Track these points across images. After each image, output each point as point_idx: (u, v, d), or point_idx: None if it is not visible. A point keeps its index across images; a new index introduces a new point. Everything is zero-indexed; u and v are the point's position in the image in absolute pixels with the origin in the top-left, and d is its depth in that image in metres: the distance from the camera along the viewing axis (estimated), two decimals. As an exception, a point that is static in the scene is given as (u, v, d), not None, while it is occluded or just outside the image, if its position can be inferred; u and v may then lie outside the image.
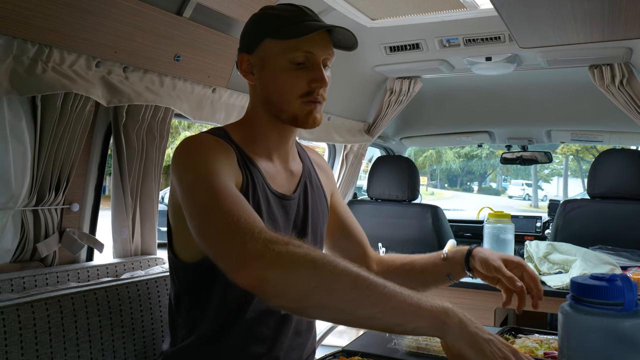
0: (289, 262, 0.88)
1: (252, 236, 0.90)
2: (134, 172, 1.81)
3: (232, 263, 0.90)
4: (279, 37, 1.14)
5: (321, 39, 1.15)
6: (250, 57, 1.20)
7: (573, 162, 24.34)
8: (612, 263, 1.99)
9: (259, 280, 0.87)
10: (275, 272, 0.87)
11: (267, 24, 1.17)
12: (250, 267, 0.87)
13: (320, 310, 0.91)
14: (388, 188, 3.17)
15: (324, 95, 1.18)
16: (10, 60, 1.32)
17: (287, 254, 0.88)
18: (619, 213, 2.60)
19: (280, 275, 0.87)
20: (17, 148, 1.45)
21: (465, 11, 2.27)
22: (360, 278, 0.87)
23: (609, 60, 2.54)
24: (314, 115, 1.17)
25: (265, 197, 1.16)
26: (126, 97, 1.62)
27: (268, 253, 0.88)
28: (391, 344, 1.28)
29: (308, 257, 0.88)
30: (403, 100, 3.15)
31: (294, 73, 1.14)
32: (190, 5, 1.69)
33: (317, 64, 1.15)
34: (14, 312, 1.11)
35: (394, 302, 0.87)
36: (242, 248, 0.89)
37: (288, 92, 1.15)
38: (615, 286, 0.78)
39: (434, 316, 0.87)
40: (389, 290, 0.87)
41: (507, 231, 2.04)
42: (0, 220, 1.48)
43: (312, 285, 0.87)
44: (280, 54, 1.14)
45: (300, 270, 0.87)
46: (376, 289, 0.87)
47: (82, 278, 1.65)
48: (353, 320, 0.91)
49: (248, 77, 1.22)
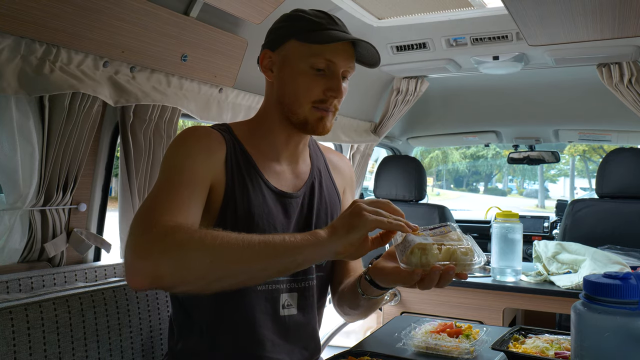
0: (178, 250, 0.90)
1: (150, 230, 0.93)
2: (141, 172, 1.81)
3: (126, 265, 0.92)
4: (305, 40, 1.15)
5: (345, 51, 1.16)
6: (273, 55, 1.20)
7: (580, 163, 24.20)
8: (622, 263, 1.97)
9: (152, 277, 0.89)
10: (165, 264, 0.89)
11: (295, 25, 1.17)
12: (142, 269, 0.89)
13: (222, 281, 0.94)
14: (395, 188, 3.16)
15: (337, 106, 1.19)
16: (18, 60, 1.32)
17: (173, 243, 0.90)
18: (628, 212, 2.58)
19: (172, 265, 0.89)
20: (25, 148, 1.46)
21: (473, 10, 2.26)
22: (246, 238, 0.92)
23: (618, 58, 2.52)
24: (324, 123, 1.18)
25: (259, 193, 1.16)
26: (133, 97, 1.62)
27: (155, 246, 0.90)
28: (400, 344, 1.27)
29: (194, 237, 0.91)
30: (410, 100, 3.14)
31: (312, 78, 1.15)
32: (197, 5, 1.69)
33: (337, 74, 1.16)
34: (23, 312, 1.11)
35: (281, 247, 0.92)
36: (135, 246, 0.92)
37: (303, 95, 1.16)
38: (629, 284, 0.77)
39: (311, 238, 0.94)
40: (274, 239, 0.93)
41: (515, 231, 2.02)
42: (9, 220, 1.48)
43: (207, 262, 0.90)
44: (302, 56, 1.15)
45: (191, 254, 0.90)
46: (262, 241, 0.93)
47: (90, 278, 1.65)
48: (253, 276, 0.95)
49: (267, 74, 1.22)
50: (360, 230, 0.94)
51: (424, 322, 1.39)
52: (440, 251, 0.97)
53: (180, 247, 0.90)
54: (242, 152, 1.18)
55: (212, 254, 0.90)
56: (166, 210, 0.99)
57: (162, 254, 0.90)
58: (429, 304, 2.16)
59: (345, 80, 1.19)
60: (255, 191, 1.16)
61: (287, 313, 1.20)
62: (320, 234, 0.95)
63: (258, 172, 1.18)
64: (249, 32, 1.94)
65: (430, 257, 0.95)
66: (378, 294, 1.17)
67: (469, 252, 0.97)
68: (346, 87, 1.19)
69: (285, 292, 1.20)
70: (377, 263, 1.12)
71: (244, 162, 1.17)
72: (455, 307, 2.11)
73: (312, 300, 1.25)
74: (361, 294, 1.18)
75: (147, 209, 1.01)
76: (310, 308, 1.25)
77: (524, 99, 3.37)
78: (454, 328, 1.32)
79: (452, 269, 0.95)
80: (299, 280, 1.22)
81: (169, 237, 0.91)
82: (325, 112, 1.17)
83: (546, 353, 1.20)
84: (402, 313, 2.17)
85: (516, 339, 1.30)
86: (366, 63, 1.22)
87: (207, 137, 1.15)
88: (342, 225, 0.95)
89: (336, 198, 1.33)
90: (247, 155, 1.18)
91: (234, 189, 1.14)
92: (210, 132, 1.17)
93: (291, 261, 0.94)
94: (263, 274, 0.97)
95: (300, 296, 1.22)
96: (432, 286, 0.97)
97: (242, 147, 1.19)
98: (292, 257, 0.93)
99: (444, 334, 1.29)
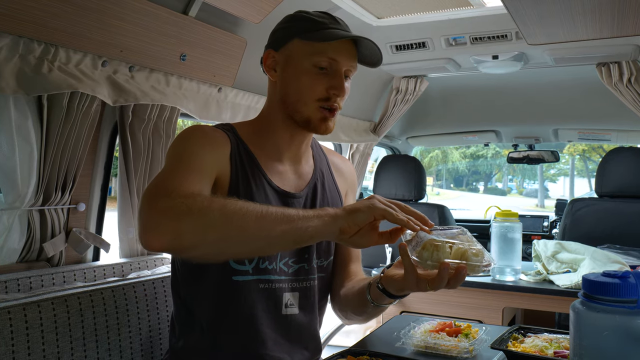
0: (200, 209, 0.91)
1: (168, 195, 0.94)
2: (140, 172, 1.81)
3: (142, 224, 0.92)
4: (308, 38, 1.16)
5: (347, 50, 1.17)
6: (276, 54, 1.21)
7: (579, 162, 24.21)
8: (621, 262, 1.97)
9: (173, 234, 0.90)
10: (188, 221, 0.90)
11: (298, 25, 1.19)
12: (161, 226, 0.90)
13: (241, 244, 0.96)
14: (395, 188, 3.16)
15: (340, 105, 1.19)
16: (16, 59, 1.32)
17: (195, 203, 0.92)
18: (628, 212, 2.57)
19: (193, 222, 0.90)
20: (23, 147, 1.46)
21: (472, 9, 2.25)
22: (264, 206, 0.96)
23: (617, 57, 2.52)
24: (327, 123, 1.19)
25: (262, 192, 1.17)
26: (132, 97, 1.62)
27: (177, 206, 0.91)
28: (399, 343, 1.27)
29: (215, 200, 0.94)
30: (409, 99, 3.14)
31: (315, 76, 1.16)
32: (196, 4, 1.69)
33: (339, 72, 1.17)
34: (21, 312, 1.11)
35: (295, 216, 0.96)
36: (153, 207, 0.93)
37: (306, 93, 1.17)
38: (628, 283, 0.77)
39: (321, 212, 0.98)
40: (289, 210, 0.97)
41: (514, 230, 2.02)
42: (7, 220, 1.48)
43: (229, 223, 0.92)
44: (305, 55, 1.16)
45: (213, 214, 0.91)
46: (279, 210, 0.96)
47: (89, 278, 1.65)
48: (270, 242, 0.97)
49: (270, 73, 1.23)
50: (366, 213, 0.97)
51: (423, 321, 1.39)
52: (451, 250, 0.98)
53: (202, 207, 0.92)
54: (245, 152, 1.19)
55: (233, 216, 0.92)
56: (181, 181, 1.00)
57: (184, 214, 0.90)
58: (429, 303, 2.16)
59: (347, 79, 1.20)
60: (258, 190, 1.17)
61: (289, 312, 1.20)
62: (329, 209, 1.00)
63: (261, 171, 1.19)
64: (248, 31, 1.93)
65: (441, 254, 0.97)
66: (388, 302, 1.18)
67: (479, 253, 0.99)
68: (348, 87, 1.19)
69: (287, 291, 1.20)
70: (388, 272, 1.14)
71: (247, 161, 1.18)
72: (454, 306, 2.11)
73: (314, 301, 1.25)
74: (370, 302, 1.18)
75: (160, 180, 1.02)
76: (311, 308, 1.25)
77: (523, 98, 3.37)
78: (453, 327, 1.32)
79: (464, 268, 0.96)
80: (301, 280, 1.23)
81: (190, 200, 0.93)
82: (328, 112, 1.18)
83: (545, 352, 1.20)
84: (402, 312, 2.17)
85: (515, 338, 1.29)
86: (368, 63, 1.23)
87: (213, 133, 1.16)
88: (352, 206, 1.00)
89: (338, 200, 1.33)
90: (251, 154, 1.19)
91: (237, 185, 1.14)
92: (215, 130, 1.18)
93: (304, 230, 0.96)
94: (280, 241, 0.97)
95: (302, 296, 1.23)
96: (443, 285, 0.97)
97: (246, 146, 1.19)
98: (305, 226, 0.95)
99: (443, 333, 1.29)
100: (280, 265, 1.19)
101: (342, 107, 1.21)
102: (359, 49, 1.19)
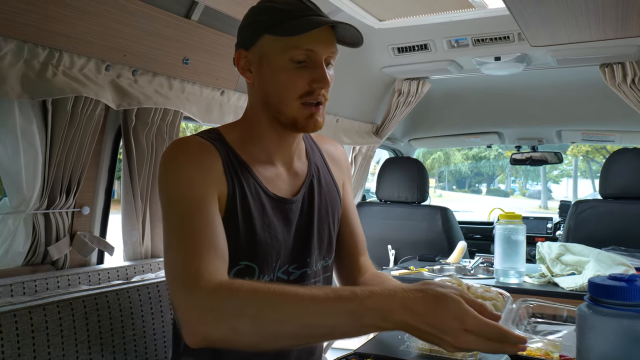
0: (229, 319, 0.84)
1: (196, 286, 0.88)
2: (144, 175, 1.81)
3: (180, 317, 0.89)
4: (278, 33, 1.05)
5: (324, 36, 1.07)
6: (248, 54, 1.11)
7: (583, 163, 24.15)
8: (626, 264, 1.96)
9: (205, 341, 0.86)
10: (217, 332, 0.85)
11: (264, 19, 1.08)
12: (194, 328, 0.86)
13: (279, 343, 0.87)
14: (397, 190, 3.15)
15: (327, 96, 1.10)
16: (21, 64, 1.33)
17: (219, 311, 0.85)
18: (632, 213, 2.56)
19: (223, 334, 0.85)
20: (28, 151, 1.46)
21: (474, 11, 2.26)
22: (299, 296, 0.82)
23: (620, 58, 2.52)
24: (315, 119, 1.10)
25: (259, 203, 1.11)
26: (135, 100, 1.62)
27: (207, 312, 0.85)
28: (404, 346, 1.27)
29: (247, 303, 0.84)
30: (411, 101, 3.14)
31: (294, 72, 1.06)
32: (198, 8, 1.70)
33: (319, 63, 1.07)
34: (27, 315, 1.11)
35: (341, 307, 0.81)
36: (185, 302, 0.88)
37: (287, 92, 1.07)
38: (634, 286, 0.76)
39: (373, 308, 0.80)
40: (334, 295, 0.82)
41: (518, 232, 2.01)
42: (12, 224, 1.49)
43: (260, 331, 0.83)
44: (279, 51, 1.06)
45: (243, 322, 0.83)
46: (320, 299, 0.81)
47: (93, 281, 1.65)
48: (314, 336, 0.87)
49: (246, 75, 1.14)
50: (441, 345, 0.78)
51: (428, 324, 1.38)
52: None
53: (226, 316, 0.85)
54: (237, 160, 1.11)
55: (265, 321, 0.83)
56: (196, 257, 0.92)
57: (211, 324, 0.85)
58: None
59: (330, 66, 1.10)
60: (255, 202, 1.11)
61: None
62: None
63: (255, 179, 1.12)
64: (250, 34, 1.94)
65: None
66: None
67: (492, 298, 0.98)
68: (332, 75, 1.10)
69: None
70: None
71: (241, 170, 1.11)
72: (458, 308, 2.10)
73: None
74: None
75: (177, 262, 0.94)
76: None
77: (526, 99, 3.37)
78: (457, 330, 1.32)
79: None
80: (305, 284, 1.19)
81: (215, 303, 0.86)
82: (314, 107, 1.09)
83: (551, 355, 1.19)
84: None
85: (520, 341, 1.29)
86: (349, 43, 1.12)
87: (199, 152, 1.06)
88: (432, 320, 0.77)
89: (336, 194, 1.29)
90: (243, 162, 1.11)
91: (235, 200, 1.08)
92: (201, 143, 1.08)
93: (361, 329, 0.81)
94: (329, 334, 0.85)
95: None
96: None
97: (236, 154, 1.11)
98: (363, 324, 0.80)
99: (447, 336, 1.28)
100: (279, 275, 1.15)
101: (328, 99, 1.11)
102: (336, 31, 1.09)
